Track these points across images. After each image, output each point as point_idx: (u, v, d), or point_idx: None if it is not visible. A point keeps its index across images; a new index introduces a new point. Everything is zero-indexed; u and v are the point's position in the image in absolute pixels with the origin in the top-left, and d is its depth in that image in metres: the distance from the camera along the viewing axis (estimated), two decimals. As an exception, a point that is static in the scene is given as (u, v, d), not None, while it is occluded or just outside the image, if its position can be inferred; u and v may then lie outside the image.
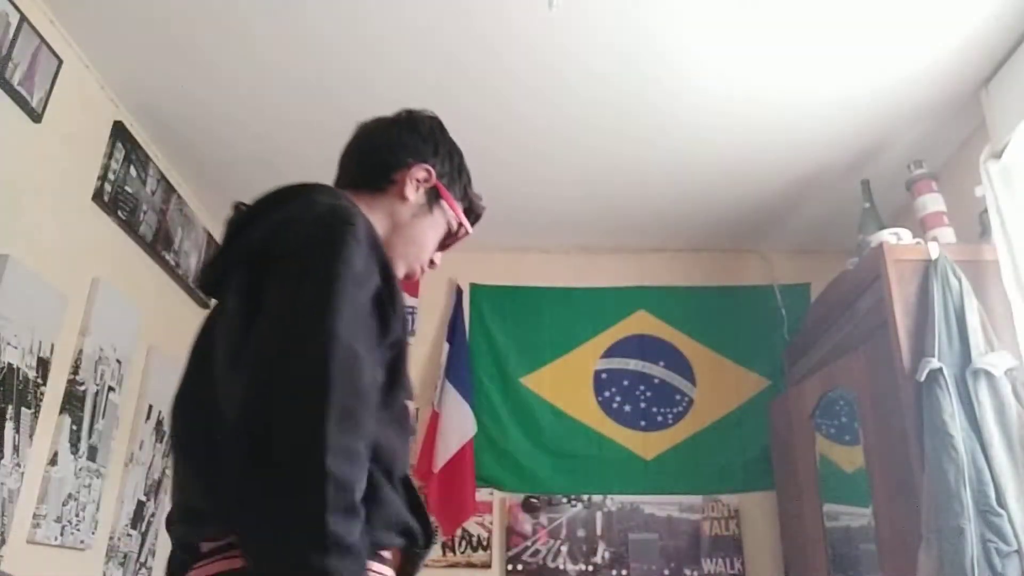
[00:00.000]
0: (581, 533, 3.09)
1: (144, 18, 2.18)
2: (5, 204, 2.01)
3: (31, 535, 2.04)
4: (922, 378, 2.02)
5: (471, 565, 3.04)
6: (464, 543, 3.05)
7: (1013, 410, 1.96)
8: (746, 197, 3.06)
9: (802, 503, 2.80)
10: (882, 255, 2.24)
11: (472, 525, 3.08)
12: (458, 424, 3.11)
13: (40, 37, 2.09)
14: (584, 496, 3.13)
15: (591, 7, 2.11)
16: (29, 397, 2.02)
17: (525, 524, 3.10)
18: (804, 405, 2.81)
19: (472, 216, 1.29)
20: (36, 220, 2.13)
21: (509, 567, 3.04)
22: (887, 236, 2.32)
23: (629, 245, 3.44)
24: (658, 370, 3.32)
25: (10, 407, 1.95)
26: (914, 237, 2.34)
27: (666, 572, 3.02)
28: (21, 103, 2.03)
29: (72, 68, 2.25)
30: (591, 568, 3.04)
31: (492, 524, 3.10)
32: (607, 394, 3.29)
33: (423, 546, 1.02)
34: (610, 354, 3.35)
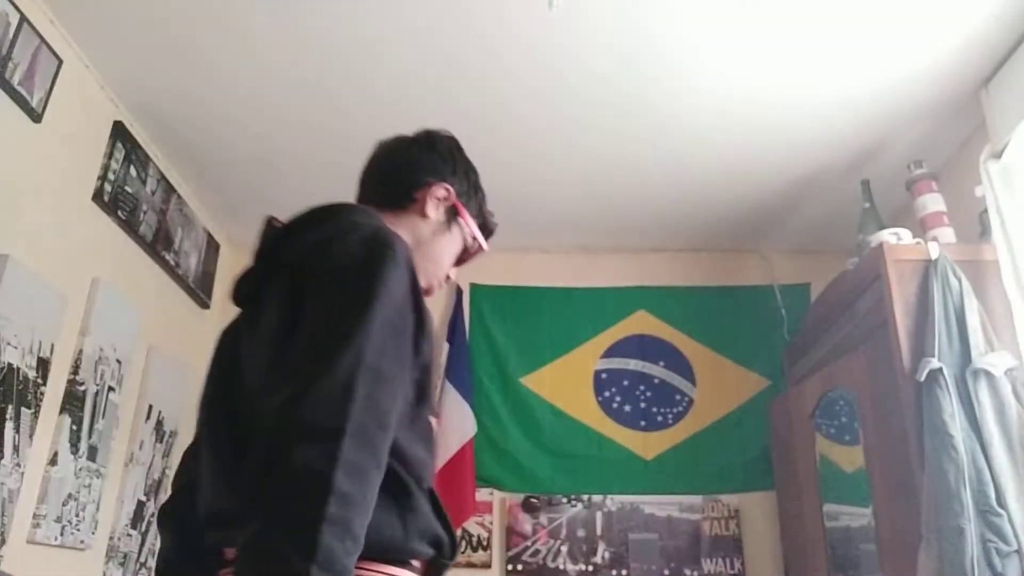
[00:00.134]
0: (581, 533, 3.09)
1: (144, 18, 2.18)
2: (5, 204, 2.01)
3: (31, 535, 2.04)
4: (922, 378, 2.02)
5: (471, 565, 3.04)
6: (464, 543, 3.05)
7: (1013, 410, 1.96)
8: (746, 197, 3.06)
9: (802, 503, 2.80)
10: (882, 255, 2.24)
11: (472, 525, 3.08)
12: (458, 424, 3.11)
13: (40, 37, 2.09)
14: (584, 496, 3.13)
15: (591, 7, 2.11)
16: (29, 397, 2.03)
17: (525, 524, 3.10)
18: (804, 405, 2.81)
19: (486, 232, 1.33)
20: (36, 220, 2.13)
21: (509, 567, 3.04)
22: (887, 236, 2.32)
23: (629, 245, 3.44)
24: (658, 370, 3.32)
25: (10, 407, 1.95)
26: (914, 237, 2.34)
27: (666, 572, 3.02)
28: (21, 103, 2.03)
29: (72, 68, 2.25)
30: (591, 568, 3.04)
31: (492, 524, 3.10)
32: (607, 394, 3.29)
33: (449, 557, 1.04)
34: (610, 354, 3.35)
